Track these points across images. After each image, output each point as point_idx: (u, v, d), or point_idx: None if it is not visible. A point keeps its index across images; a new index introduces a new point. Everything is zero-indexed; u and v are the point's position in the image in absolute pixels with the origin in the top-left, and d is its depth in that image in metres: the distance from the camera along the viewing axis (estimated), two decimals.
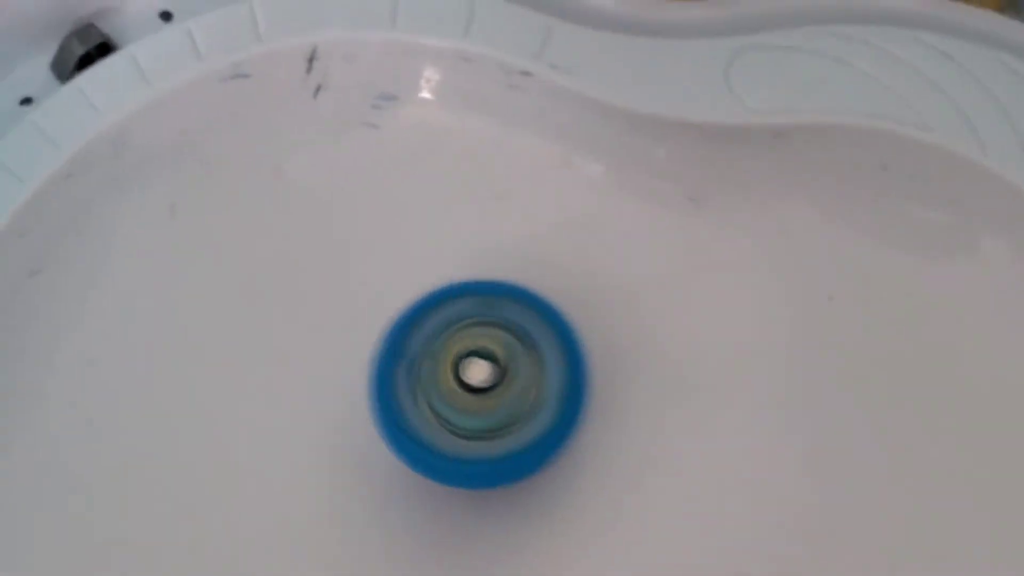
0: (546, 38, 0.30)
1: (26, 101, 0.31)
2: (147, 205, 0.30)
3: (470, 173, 0.30)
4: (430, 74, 0.30)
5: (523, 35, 0.30)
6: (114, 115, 0.29)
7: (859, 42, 0.30)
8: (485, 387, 0.26)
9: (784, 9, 0.31)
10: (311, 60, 0.30)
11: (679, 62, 0.29)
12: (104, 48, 0.31)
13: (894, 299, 0.28)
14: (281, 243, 0.30)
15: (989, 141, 0.28)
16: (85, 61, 0.31)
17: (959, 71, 0.29)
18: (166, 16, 0.32)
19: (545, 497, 0.26)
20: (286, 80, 0.30)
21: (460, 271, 0.29)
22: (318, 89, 0.30)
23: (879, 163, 0.29)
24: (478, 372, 0.26)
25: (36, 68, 0.32)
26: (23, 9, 0.31)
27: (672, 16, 0.31)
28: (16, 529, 0.26)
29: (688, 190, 0.29)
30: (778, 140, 0.29)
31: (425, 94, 0.31)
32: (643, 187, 0.30)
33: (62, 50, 0.31)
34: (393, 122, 0.31)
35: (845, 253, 0.29)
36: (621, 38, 0.30)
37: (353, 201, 0.30)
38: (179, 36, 0.30)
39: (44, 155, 0.29)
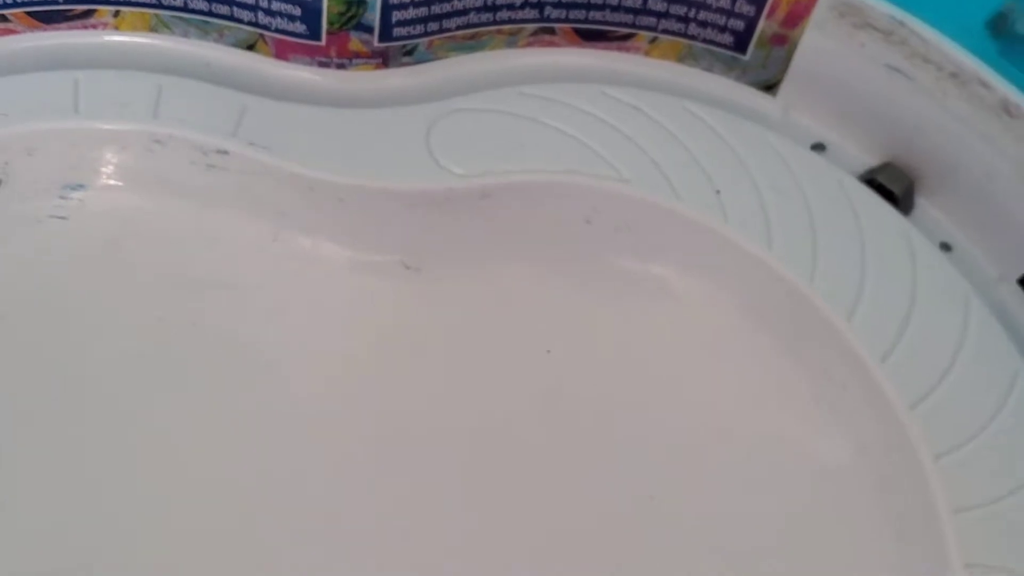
0: (242, 115, 0.29)
1: None
2: None
3: (173, 258, 0.29)
4: (120, 160, 0.29)
5: (217, 113, 0.29)
6: None
7: (550, 100, 0.30)
8: None
9: (476, 73, 0.32)
10: None
11: (380, 132, 0.29)
12: None
13: (606, 346, 0.29)
14: None
15: (682, 187, 0.29)
16: None
17: (647, 121, 0.31)
18: None
19: None
20: None
21: (170, 364, 0.27)
22: None
23: (582, 217, 0.29)
24: None
25: None
26: None
27: (369, 86, 0.31)
28: None
29: (403, 258, 0.29)
30: (484, 202, 0.29)
31: (115, 180, 0.29)
32: (356, 258, 0.29)
33: None
34: (82, 212, 0.29)
35: (559, 306, 0.29)
36: (320, 111, 0.30)
37: (47, 299, 0.28)
38: None
39: None
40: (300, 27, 0.30)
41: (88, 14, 0.30)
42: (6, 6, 0.30)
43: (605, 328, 0.29)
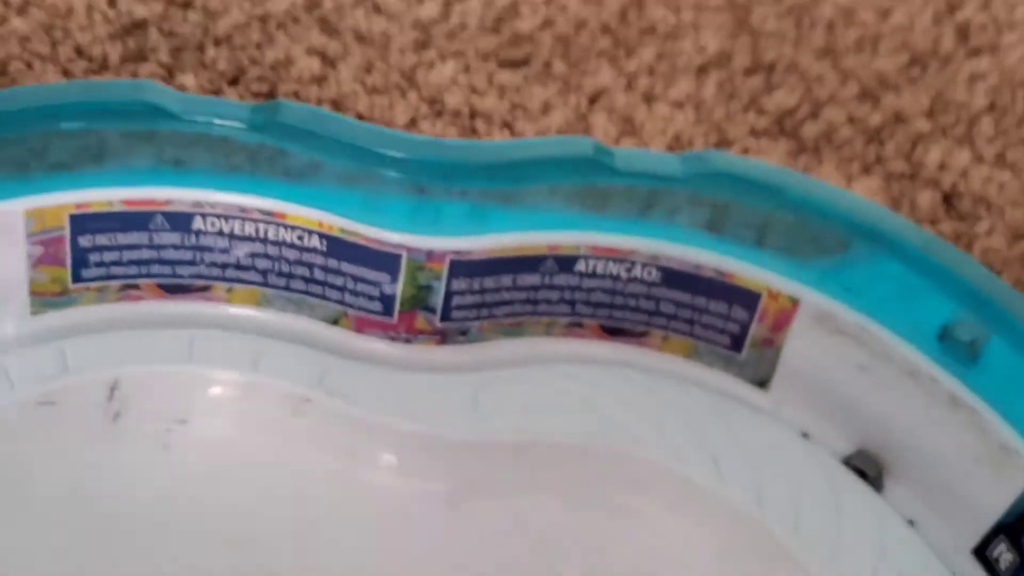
0: (324, 373, 0.35)
1: None
2: None
3: (259, 486, 0.34)
4: (221, 401, 0.35)
5: (305, 370, 0.35)
6: None
7: (580, 378, 0.37)
8: None
9: (518, 354, 0.38)
10: (113, 389, 0.34)
11: (438, 392, 0.36)
12: None
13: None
14: (79, 564, 0.33)
15: (686, 453, 0.35)
16: None
17: (660, 401, 0.37)
18: None
19: None
20: (89, 407, 0.34)
21: None
22: (117, 415, 0.35)
23: (602, 471, 0.35)
24: None
25: None
26: None
27: (430, 357, 0.38)
28: None
29: (447, 496, 0.35)
30: (519, 453, 0.35)
31: (215, 418, 0.35)
32: (412, 492, 0.35)
33: None
34: (184, 443, 0.35)
35: (579, 540, 0.35)
36: (389, 372, 0.36)
37: (148, 516, 0.34)
38: None
39: None
40: (377, 306, 0.37)
41: (206, 289, 0.37)
42: (139, 276, 0.37)
43: (616, 557, 0.34)
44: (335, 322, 0.38)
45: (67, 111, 0.33)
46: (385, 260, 0.36)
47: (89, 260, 0.36)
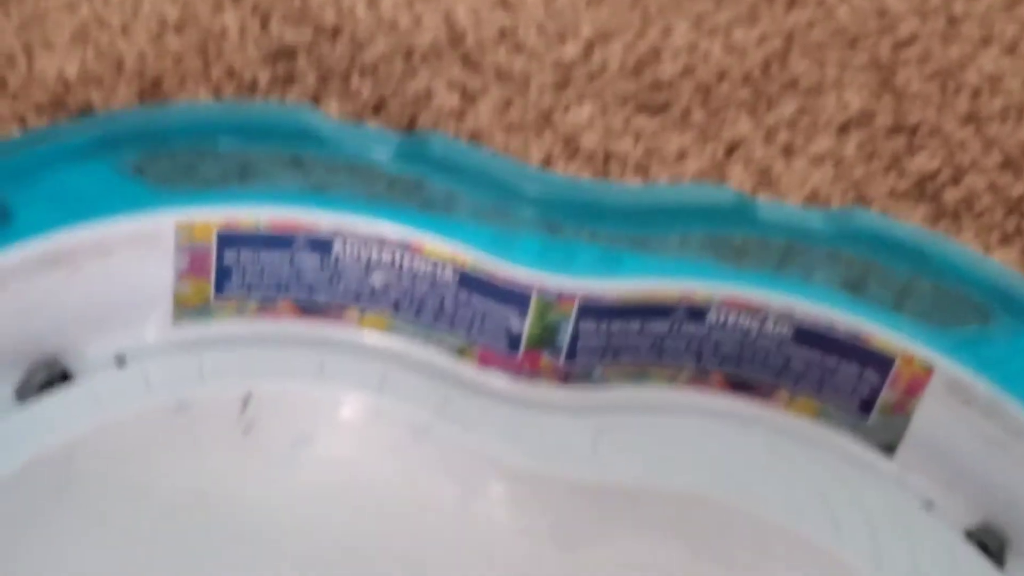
0: (447, 401, 0.36)
1: None
2: (82, 519, 0.33)
3: (374, 507, 0.35)
4: (346, 421, 0.36)
5: (428, 396, 0.36)
6: (65, 434, 0.34)
7: (702, 432, 0.37)
8: None
9: (640, 400, 0.38)
10: (246, 403, 0.35)
11: (557, 431, 0.36)
12: (65, 379, 0.35)
13: None
14: (194, 568, 0.33)
15: (806, 515, 0.35)
16: (46, 388, 0.35)
17: (782, 457, 0.36)
18: (120, 360, 0.37)
19: None
20: (222, 417, 0.35)
21: None
22: (248, 427, 0.35)
23: (719, 523, 0.35)
24: None
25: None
26: None
27: (551, 396, 0.38)
28: None
29: (559, 534, 0.35)
30: (635, 499, 0.35)
31: (340, 438, 0.36)
32: (517, 526, 0.35)
33: (27, 376, 0.35)
34: (309, 460, 0.36)
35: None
36: (510, 408, 0.36)
37: (268, 527, 0.34)
38: (133, 373, 0.35)
39: None
40: (503, 342, 0.37)
41: (339, 312, 0.38)
42: (277, 295, 0.38)
43: None
44: (460, 354, 0.38)
45: (224, 131, 0.35)
46: (515, 297, 0.36)
47: (232, 275, 0.37)
